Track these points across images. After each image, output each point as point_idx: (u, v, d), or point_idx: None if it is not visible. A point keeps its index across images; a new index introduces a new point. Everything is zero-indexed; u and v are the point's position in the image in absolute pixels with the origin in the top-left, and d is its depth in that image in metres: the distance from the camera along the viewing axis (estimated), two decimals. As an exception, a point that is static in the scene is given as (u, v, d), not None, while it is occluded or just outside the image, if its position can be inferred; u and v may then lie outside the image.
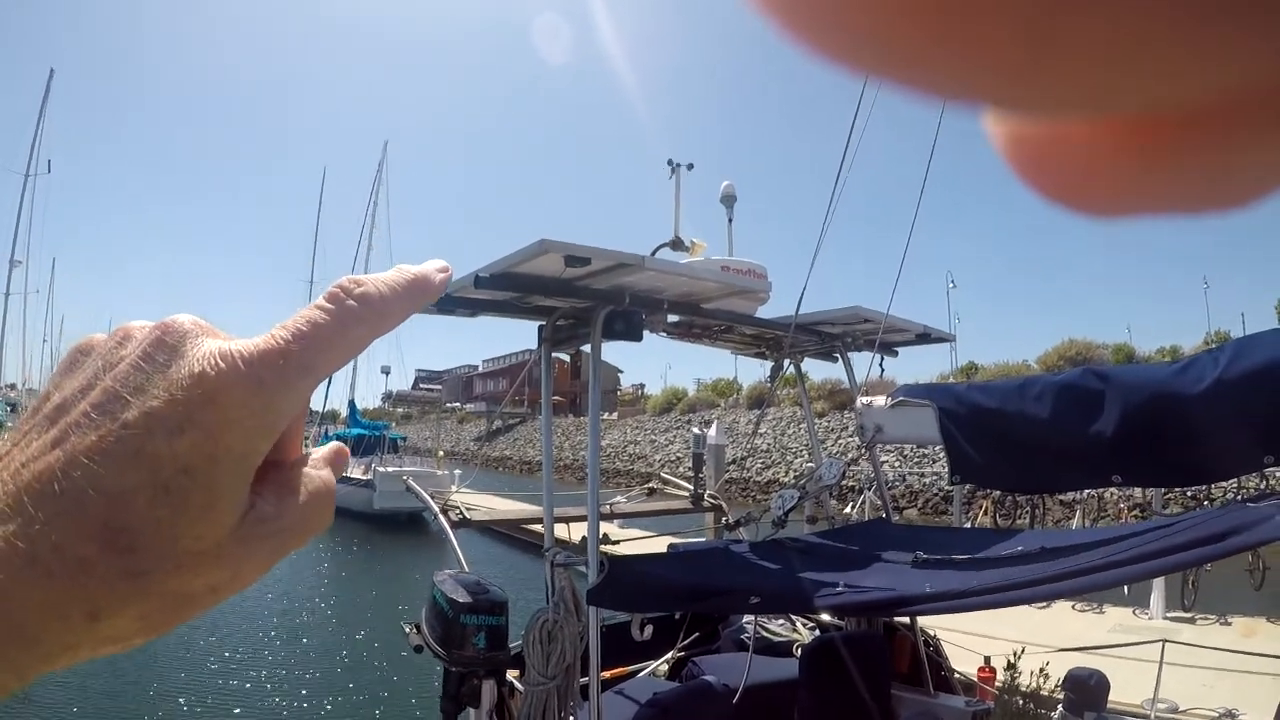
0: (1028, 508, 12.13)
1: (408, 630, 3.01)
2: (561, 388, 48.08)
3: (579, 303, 2.89)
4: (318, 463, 0.35)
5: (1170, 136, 0.16)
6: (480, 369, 71.93)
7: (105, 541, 0.27)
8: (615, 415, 42.38)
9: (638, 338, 2.98)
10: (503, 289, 2.69)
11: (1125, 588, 8.29)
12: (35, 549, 0.26)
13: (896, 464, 21.39)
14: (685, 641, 4.15)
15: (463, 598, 2.80)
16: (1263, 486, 2.90)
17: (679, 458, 29.91)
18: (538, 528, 3.20)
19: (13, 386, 39.80)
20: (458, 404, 66.70)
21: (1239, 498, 2.51)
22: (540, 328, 3.05)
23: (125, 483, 0.27)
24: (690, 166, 3.60)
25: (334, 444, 0.37)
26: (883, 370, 3.81)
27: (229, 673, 8.20)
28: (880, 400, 3.38)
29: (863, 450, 3.58)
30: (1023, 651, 3.82)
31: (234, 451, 0.29)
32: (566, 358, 44.66)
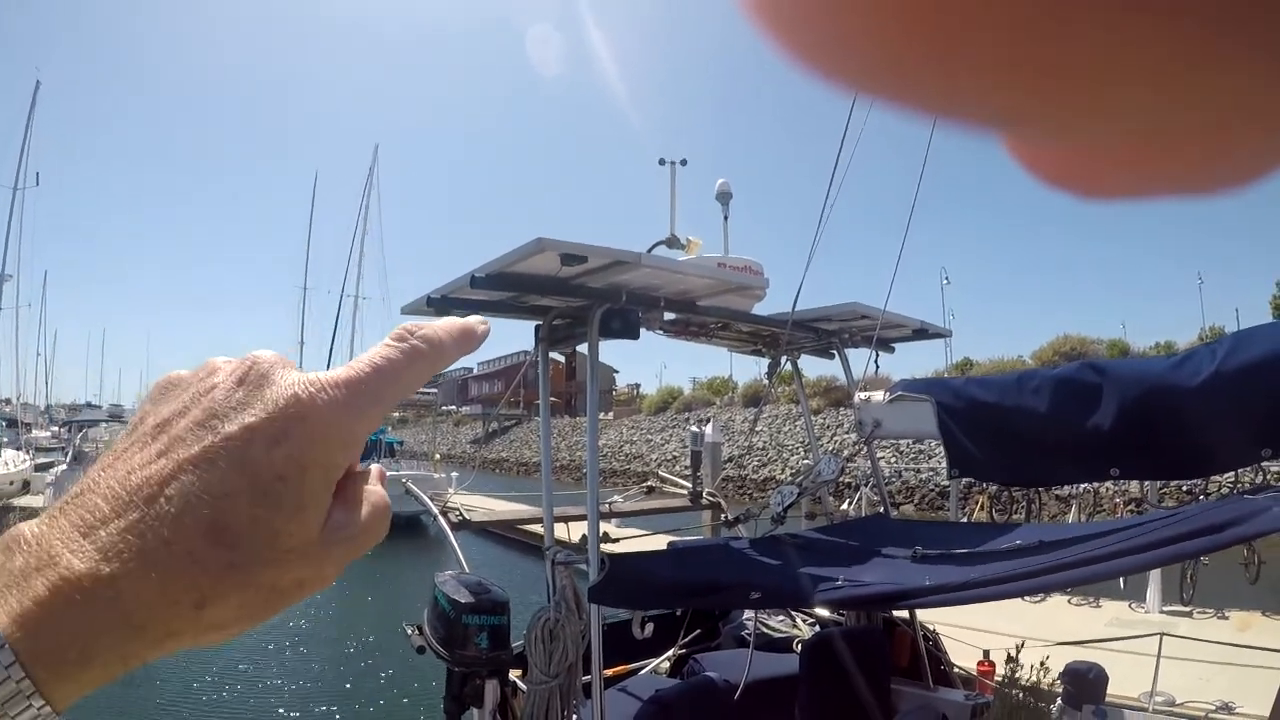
0: (1024, 503, 12.17)
1: (410, 631, 3.01)
2: (556, 388, 48.02)
3: (575, 301, 2.89)
4: (373, 481, 0.39)
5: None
6: (475, 371, 71.79)
7: (212, 538, 0.31)
8: (611, 415, 42.39)
9: (635, 336, 2.98)
10: (499, 289, 2.69)
11: (1122, 582, 8.33)
12: (146, 544, 0.30)
13: (892, 460, 21.44)
14: (686, 639, 4.16)
15: (464, 598, 2.79)
16: (1259, 480, 2.90)
17: (675, 456, 29.94)
18: (536, 528, 3.20)
19: (7, 401, 39.40)
20: (453, 407, 66.57)
21: (1236, 491, 2.52)
22: (537, 327, 3.05)
23: (229, 486, 0.31)
24: (684, 162, 3.59)
25: (378, 467, 0.41)
26: (878, 367, 3.82)
27: (230, 677, 8.18)
28: (879, 395, 3.39)
29: (861, 446, 3.59)
30: (1022, 645, 3.84)
31: (321, 463, 0.34)
32: (562, 358, 44.68)
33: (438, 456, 27.62)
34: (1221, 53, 0.13)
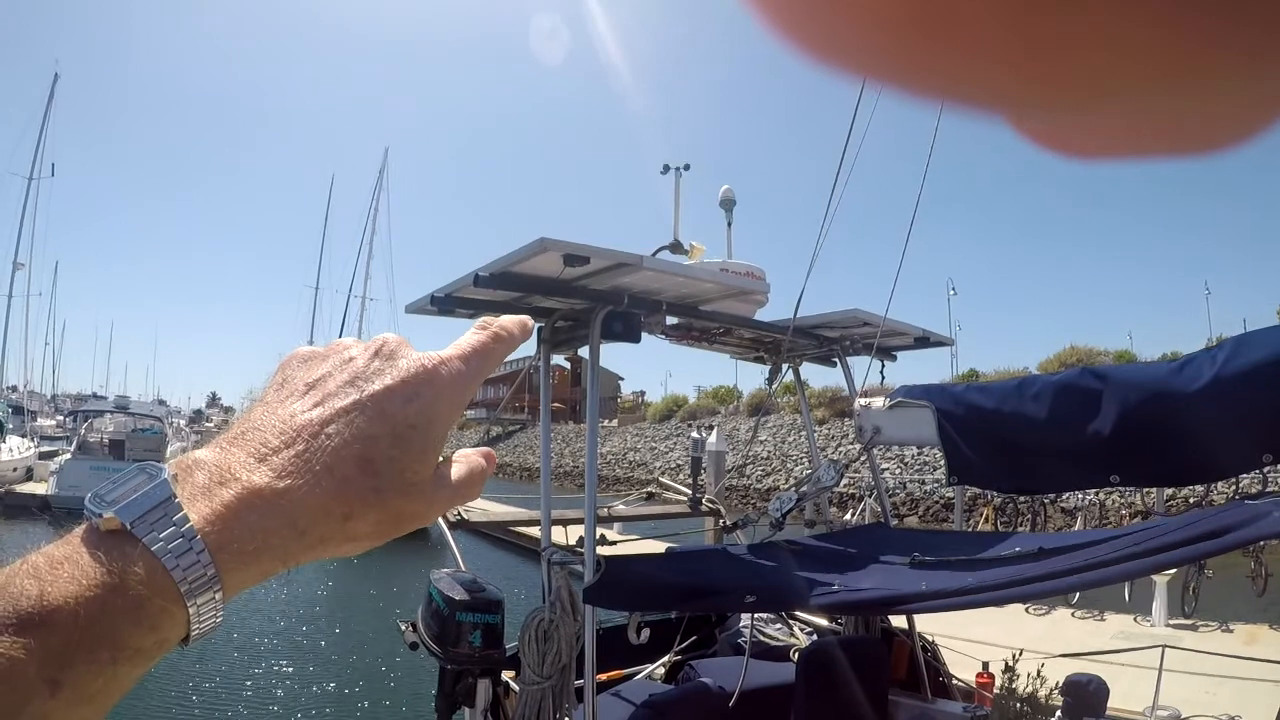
0: (1028, 515, 12.11)
1: (403, 627, 3.00)
2: (561, 394, 48.02)
3: (578, 303, 2.89)
4: (478, 451, 0.49)
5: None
6: (481, 375, 71.79)
7: (361, 468, 0.39)
8: (615, 422, 42.29)
9: (636, 339, 2.98)
10: (502, 288, 2.69)
11: (1127, 595, 8.28)
12: (312, 468, 0.38)
13: (897, 471, 21.36)
14: (682, 645, 4.13)
15: (459, 595, 2.78)
16: (1262, 486, 2.86)
17: (679, 465, 29.83)
18: (534, 531, 3.18)
19: (14, 389, 39.54)
20: (458, 410, 66.44)
21: (1237, 496, 2.50)
22: (539, 329, 3.05)
23: (373, 430, 0.40)
24: (686, 167, 3.60)
25: (489, 450, 0.50)
26: (883, 377, 3.80)
27: (224, 670, 8.19)
28: (879, 401, 3.37)
29: (861, 452, 3.57)
30: (1020, 654, 3.79)
31: (442, 418, 0.43)
32: (567, 365, 44.60)
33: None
34: (1222, 33, 0.13)
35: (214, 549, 0.36)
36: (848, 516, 11.18)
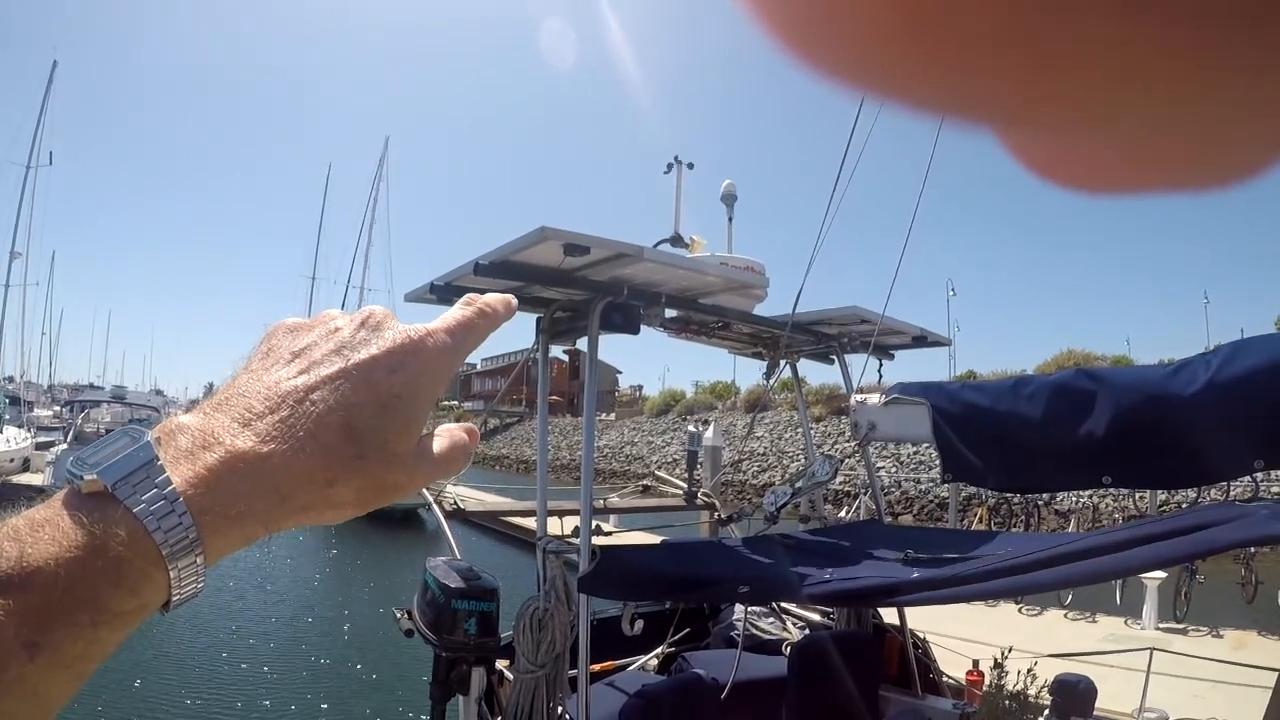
0: (1022, 516, 12.15)
1: (399, 615, 3.01)
2: (559, 388, 47.99)
3: (577, 294, 2.89)
4: (460, 426, 0.49)
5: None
6: (479, 368, 71.82)
7: (344, 435, 0.39)
8: (613, 416, 42.33)
9: (635, 330, 2.99)
10: (502, 277, 2.70)
11: (1118, 597, 8.32)
12: (295, 434, 0.38)
13: (892, 469, 21.43)
14: (675, 637, 4.15)
15: (455, 583, 2.79)
16: (1254, 491, 2.87)
17: (676, 459, 29.89)
18: (530, 523, 3.20)
19: (11, 379, 39.37)
20: (455, 402, 66.57)
21: (1228, 501, 2.51)
22: (538, 319, 3.06)
23: (358, 399, 0.40)
24: (690, 165, 3.61)
25: (473, 426, 0.50)
26: (880, 376, 3.81)
27: (218, 655, 8.21)
28: (874, 398, 3.38)
29: (856, 448, 3.58)
30: (1008, 652, 3.82)
31: (426, 390, 0.43)
32: (565, 357, 44.58)
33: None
34: (1222, 50, 0.13)
35: (196, 512, 0.35)
36: (842, 513, 11.21)
